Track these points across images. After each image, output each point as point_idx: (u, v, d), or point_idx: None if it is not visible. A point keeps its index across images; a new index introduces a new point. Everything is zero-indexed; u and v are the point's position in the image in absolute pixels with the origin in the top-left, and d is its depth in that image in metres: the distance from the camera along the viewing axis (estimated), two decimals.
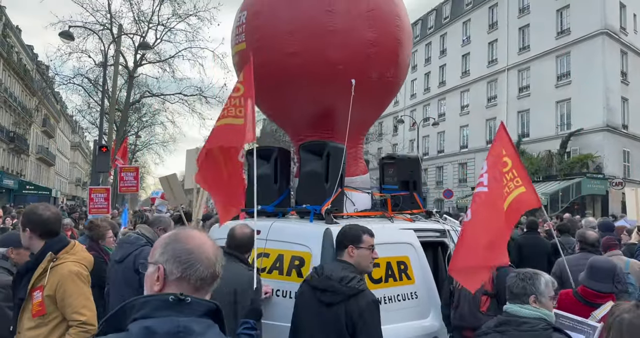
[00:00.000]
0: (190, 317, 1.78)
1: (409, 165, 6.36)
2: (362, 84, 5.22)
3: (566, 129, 37.03)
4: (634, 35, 38.72)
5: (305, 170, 5.35)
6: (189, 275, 1.88)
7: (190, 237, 1.95)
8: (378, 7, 5.33)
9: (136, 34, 31.04)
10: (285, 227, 5.05)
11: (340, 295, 3.63)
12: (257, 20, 5.30)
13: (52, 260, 3.64)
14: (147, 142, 52.05)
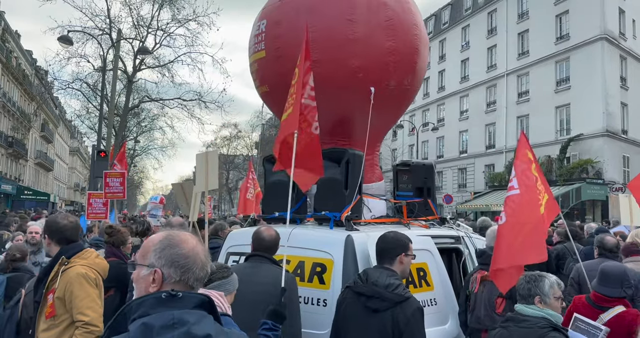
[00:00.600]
0: (183, 310, 1.89)
1: (423, 171, 6.42)
2: (381, 92, 5.27)
3: (566, 134, 37.12)
4: (633, 40, 38.90)
5: (325, 177, 5.37)
6: (187, 278, 2.02)
7: (183, 241, 2.07)
8: (397, 17, 5.39)
9: (135, 39, 31.01)
10: (305, 234, 5.07)
11: (387, 302, 3.67)
12: (277, 29, 5.34)
13: (64, 264, 3.83)
14: (146, 147, 52.09)
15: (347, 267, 4.60)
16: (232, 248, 5.49)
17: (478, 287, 5.04)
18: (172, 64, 32.28)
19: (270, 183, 5.85)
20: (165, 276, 2.00)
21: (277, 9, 5.48)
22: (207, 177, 5.99)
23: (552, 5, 38.93)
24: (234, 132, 67.34)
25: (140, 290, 2.03)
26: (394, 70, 5.40)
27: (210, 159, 6.06)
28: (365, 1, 5.29)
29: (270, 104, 5.98)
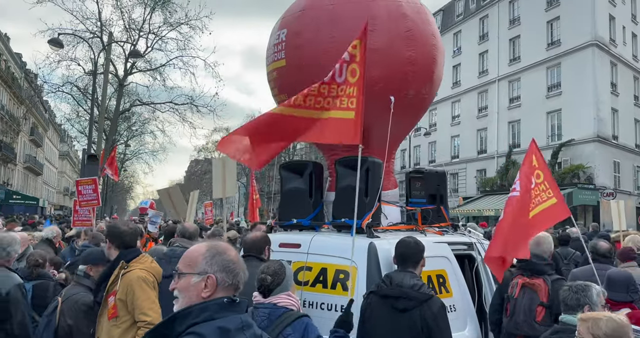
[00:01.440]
0: (244, 313, 2.21)
1: (436, 179, 6.49)
2: (400, 101, 5.33)
3: (557, 139, 37.43)
4: (623, 46, 39.35)
5: (343, 184, 5.42)
6: (237, 281, 2.26)
7: (227, 248, 2.31)
8: (416, 27, 5.47)
9: (127, 42, 30.77)
10: (327, 241, 5.12)
11: (414, 301, 3.82)
12: (298, 39, 5.40)
13: (123, 267, 4.10)
14: (137, 151, 51.81)
15: (370, 273, 4.66)
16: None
17: (518, 292, 5.10)
18: (164, 67, 32.15)
19: (287, 191, 5.89)
20: (219, 281, 2.19)
21: (298, 19, 5.54)
22: (224, 183, 6.00)
23: (543, 11, 39.32)
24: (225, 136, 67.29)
25: (190, 297, 2.18)
26: (413, 79, 5.47)
27: (227, 165, 6.08)
28: (385, 12, 5.37)
29: None
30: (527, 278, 5.14)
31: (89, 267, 4.63)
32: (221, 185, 6.03)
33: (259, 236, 4.83)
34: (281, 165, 6.08)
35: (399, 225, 5.88)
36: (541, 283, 5.03)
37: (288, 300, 3.68)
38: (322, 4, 5.48)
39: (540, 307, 4.99)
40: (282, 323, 3.52)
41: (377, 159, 5.38)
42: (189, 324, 2.07)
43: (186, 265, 2.24)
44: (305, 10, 5.52)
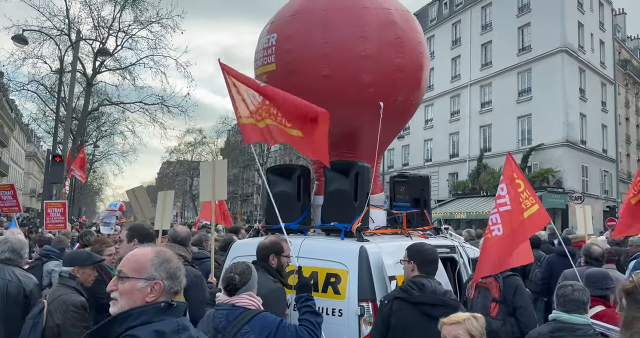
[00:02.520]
0: (180, 317, 2.29)
1: (419, 183, 6.61)
2: (388, 107, 5.43)
3: (527, 143, 38.03)
4: (591, 53, 40.23)
5: (332, 188, 5.48)
6: (180, 288, 2.38)
7: (171, 255, 2.42)
8: (405, 35, 5.58)
9: (96, 40, 29.94)
10: (318, 245, 5.16)
11: (450, 308, 3.88)
12: (289, 44, 5.45)
13: None
14: (106, 152, 50.89)
15: (362, 277, 4.72)
16: (238, 259, 5.52)
17: (473, 293, 5.24)
18: (134, 66, 31.40)
19: (275, 194, 5.91)
20: (165, 287, 2.29)
21: (289, 23, 5.58)
22: (213, 186, 5.98)
23: (515, 17, 39.96)
24: (198, 137, 66.38)
25: (134, 301, 2.25)
26: (402, 86, 5.57)
27: (217, 168, 6.05)
28: (375, 19, 5.45)
29: None
30: (480, 278, 5.28)
31: (76, 268, 4.58)
32: (211, 188, 5.99)
33: (266, 243, 4.75)
34: (268, 169, 6.10)
35: (386, 229, 5.94)
36: (492, 281, 5.19)
37: (248, 300, 3.71)
38: (314, 9, 5.53)
39: (493, 302, 5.13)
40: (239, 322, 3.55)
41: (365, 164, 5.45)
42: (127, 327, 2.15)
43: (133, 269, 2.30)
44: (297, 15, 5.57)
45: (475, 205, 36.70)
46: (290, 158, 55.88)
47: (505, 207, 5.37)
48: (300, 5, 5.70)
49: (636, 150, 47.69)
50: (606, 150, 41.29)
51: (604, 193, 40.43)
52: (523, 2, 39.73)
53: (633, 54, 51.19)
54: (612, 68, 43.66)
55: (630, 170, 45.77)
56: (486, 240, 5.40)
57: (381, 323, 4.16)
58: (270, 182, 5.98)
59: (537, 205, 5.54)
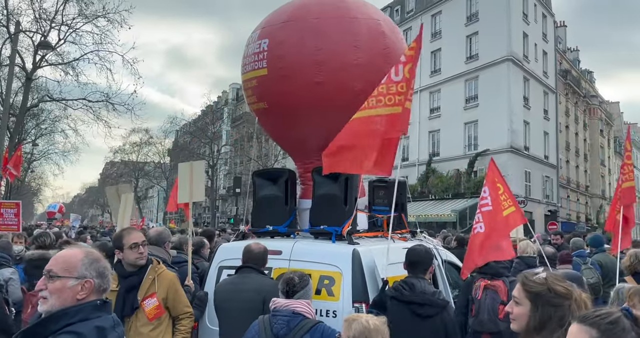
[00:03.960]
0: (112, 314, 2.45)
1: (398, 188, 6.79)
2: None
3: (473, 149, 39.05)
4: (535, 63, 41.75)
5: (321, 192, 5.60)
6: (108, 286, 2.51)
7: (99, 255, 2.56)
8: (393, 45, 5.79)
9: (37, 33, 28.34)
10: (310, 248, 5.26)
11: (436, 308, 4.08)
12: (282, 49, 5.54)
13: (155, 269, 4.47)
14: (46, 151, 48.79)
15: (355, 279, 4.86)
16: (225, 262, 5.58)
17: (481, 294, 5.47)
18: (78, 62, 30.04)
19: (261, 198, 5.98)
20: (96, 285, 2.42)
21: (281, 30, 5.68)
22: (191, 187, 6.00)
23: (463, 26, 41.06)
24: (144, 137, 64.73)
25: (64, 299, 2.36)
26: None
27: (195, 169, 6.07)
28: (366, 29, 5.63)
29: (267, 120, 6.13)
30: (488, 280, 5.58)
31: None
32: (188, 190, 6.01)
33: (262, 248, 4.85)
34: (254, 173, 6.17)
35: (367, 232, 6.10)
36: (501, 285, 5.49)
37: (306, 307, 3.80)
38: (306, 17, 5.65)
39: (502, 305, 5.39)
40: (300, 330, 3.64)
41: None
42: (64, 324, 2.26)
43: (63, 269, 2.40)
44: (290, 22, 5.68)
45: (424, 208, 37.45)
46: (242, 160, 55.58)
47: (487, 207, 5.91)
48: (292, 12, 5.80)
49: (575, 157, 49.73)
50: (548, 156, 42.89)
51: (545, 197, 41.96)
52: (471, 12, 40.87)
53: (572, 65, 53.38)
54: (554, 78, 45.43)
55: (569, 176, 47.73)
56: (471, 237, 5.99)
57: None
58: (256, 186, 6.05)
59: (514, 207, 6.02)
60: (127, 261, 4.44)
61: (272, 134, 6.43)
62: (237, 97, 72.10)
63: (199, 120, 59.72)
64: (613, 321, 1.76)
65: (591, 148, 54.66)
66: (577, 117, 51.54)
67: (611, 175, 60.88)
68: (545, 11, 44.94)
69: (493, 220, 5.80)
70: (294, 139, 6.07)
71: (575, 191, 49.07)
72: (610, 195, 58.86)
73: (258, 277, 4.57)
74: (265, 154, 54.32)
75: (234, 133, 63.79)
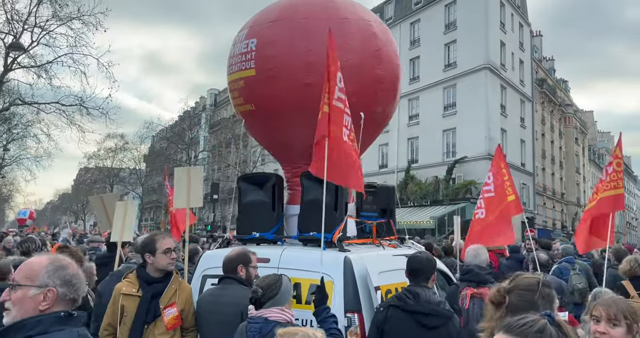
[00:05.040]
0: (80, 327, 2.22)
1: (386, 193, 6.68)
2: (367, 117, 5.45)
3: (452, 156, 39.28)
4: (512, 71, 42.22)
5: (310, 198, 5.40)
6: (78, 295, 2.30)
7: (68, 262, 2.36)
8: (384, 47, 5.65)
9: (9, 34, 27.52)
10: (299, 256, 5.07)
11: (443, 318, 3.92)
12: (271, 50, 5.36)
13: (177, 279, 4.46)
14: (17, 157, 47.62)
15: (347, 288, 4.67)
16: (209, 271, 5.36)
17: (468, 303, 5.31)
18: (51, 65, 29.43)
19: (247, 204, 5.78)
20: (59, 295, 2.22)
21: (269, 29, 5.49)
22: (188, 193, 5.82)
23: (442, 34, 41.34)
24: (120, 143, 63.80)
25: (25, 310, 2.18)
26: (381, 97, 5.63)
27: (192, 174, 5.89)
28: (357, 30, 5.48)
29: (253, 122, 5.93)
30: (474, 288, 5.41)
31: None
32: (185, 195, 5.82)
33: (232, 255, 4.63)
34: (240, 177, 5.96)
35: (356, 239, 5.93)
36: (487, 292, 5.32)
37: (280, 314, 3.64)
38: (294, 16, 5.48)
39: None
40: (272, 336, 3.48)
41: None
42: (25, 336, 2.09)
43: (25, 277, 2.23)
44: (278, 21, 5.50)
45: (403, 215, 37.44)
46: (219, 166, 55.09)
47: (490, 193, 6.27)
48: (280, 12, 5.62)
49: (551, 165, 50.29)
50: (524, 164, 43.30)
51: (522, 204, 42.22)
52: (450, 20, 41.20)
53: (548, 74, 54.10)
54: (530, 86, 45.98)
55: (545, 183, 48.22)
56: (472, 222, 6.31)
57: (375, 329, 4.20)
58: (242, 191, 5.84)
59: (514, 196, 6.42)
60: (157, 266, 4.36)
61: (259, 137, 6.23)
62: (216, 102, 71.70)
63: (176, 125, 59.11)
64: (540, 329, 1.73)
65: (566, 156, 55.38)
66: (553, 125, 52.20)
67: (586, 182, 61.77)
68: (522, 20, 45.50)
69: (496, 206, 6.12)
70: (281, 142, 5.88)
71: (551, 198, 49.60)
72: (584, 203, 59.71)
73: (238, 289, 4.36)
74: (243, 160, 53.91)
75: (212, 139, 63.31)
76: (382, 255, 5.56)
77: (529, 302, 2.56)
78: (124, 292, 4.30)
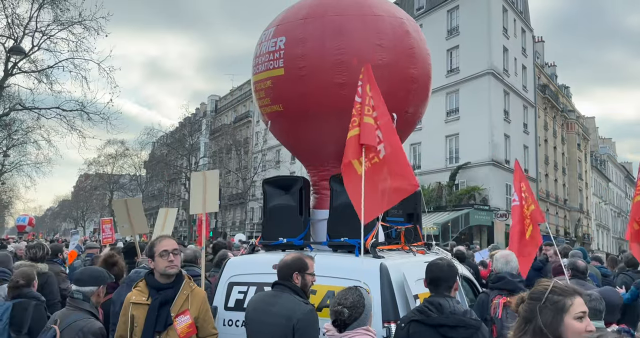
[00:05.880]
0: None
1: (413, 197, 6.45)
2: (399, 118, 5.24)
3: (455, 162, 39.08)
4: (515, 77, 42.08)
5: (340, 202, 5.20)
6: None
7: None
8: (417, 46, 5.45)
9: (10, 38, 27.12)
10: (332, 262, 4.86)
11: (472, 329, 3.70)
12: (302, 48, 5.15)
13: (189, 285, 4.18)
14: (17, 163, 47.34)
15: (384, 296, 4.46)
16: (235, 278, 5.15)
17: (501, 312, 5.08)
18: (52, 70, 29.18)
19: (273, 208, 5.57)
20: None
21: (300, 27, 5.28)
22: (204, 197, 5.61)
23: (444, 40, 41.21)
24: (120, 149, 63.59)
25: None
26: (414, 97, 5.43)
27: (209, 179, 5.70)
28: (390, 27, 5.28)
29: (281, 123, 5.71)
30: (506, 297, 5.18)
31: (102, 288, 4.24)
32: (202, 200, 5.61)
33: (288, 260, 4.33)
34: (265, 181, 5.75)
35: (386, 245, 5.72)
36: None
37: (366, 334, 3.36)
38: (326, 14, 5.27)
39: None
40: None
41: None
42: None
43: None
44: (309, 19, 5.28)
45: None
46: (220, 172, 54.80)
47: (515, 202, 6.64)
48: (311, 8, 5.41)
49: (554, 171, 50.11)
50: (527, 169, 43.04)
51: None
52: (452, 26, 41.11)
53: (550, 80, 54.02)
54: (533, 92, 45.86)
55: (548, 189, 48.01)
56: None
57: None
58: (267, 195, 5.64)
59: (533, 205, 6.69)
60: (158, 270, 4.05)
61: (286, 139, 6.00)
62: (216, 108, 71.51)
63: (176, 132, 58.95)
64: None
65: (569, 162, 55.19)
66: (555, 131, 52.06)
67: (588, 189, 61.59)
68: (524, 26, 45.44)
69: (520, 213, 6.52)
70: (309, 144, 5.66)
71: (554, 205, 49.37)
72: (587, 209, 59.56)
73: (290, 300, 4.02)
74: (244, 166, 53.73)
75: (213, 145, 63.11)
76: (416, 262, 5.35)
77: (533, 311, 2.44)
78: (134, 301, 4.02)
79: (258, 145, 53.59)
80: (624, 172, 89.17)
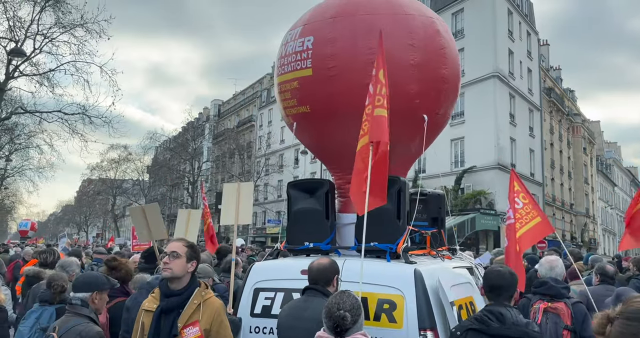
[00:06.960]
0: None
1: (437, 201, 6.34)
2: (430, 120, 5.11)
3: (460, 166, 38.90)
4: (520, 80, 41.94)
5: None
6: None
7: None
8: (448, 46, 5.32)
9: (12, 40, 27.07)
10: (364, 268, 4.69)
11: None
12: (331, 48, 4.99)
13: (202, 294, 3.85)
14: (20, 167, 47.16)
15: (419, 303, 4.31)
16: (261, 284, 4.99)
17: (541, 318, 4.93)
18: (53, 73, 29.01)
19: (297, 211, 5.42)
20: None
21: (329, 26, 5.12)
22: (237, 209, 5.53)
23: None
24: (123, 154, 63.48)
25: None
26: (445, 98, 5.30)
27: (243, 191, 5.62)
28: (421, 26, 5.14)
29: (307, 125, 5.55)
30: (548, 302, 5.04)
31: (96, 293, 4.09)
32: (234, 211, 5.52)
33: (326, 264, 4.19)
34: (289, 184, 5.60)
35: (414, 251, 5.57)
36: (563, 307, 4.96)
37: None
38: (357, 12, 5.11)
39: (565, 330, 4.88)
40: None
41: (405, 179, 5.10)
42: None
43: None
44: (338, 18, 5.12)
45: None
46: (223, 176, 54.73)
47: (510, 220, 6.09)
48: (340, 7, 5.24)
49: (560, 175, 49.91)
50: (533, 173, 42.94)
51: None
52: (457, 28, 40.93)
53: (556, 83, 53.89)
54: (539, 95, 45.72)
55: (554, 193, 47.81)
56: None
57: None
58: (292, 198, 5.48)
59: (539, 218, 6.08)
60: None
61: (311, 142, 5.84)
62: (219, 113, 71.51)
63: (179, 136, 58.88)
64: None
65: (575, 166, 54.98)
66: (561, 134, 51.89)
67: (594, 193, 61.34)
68: (530, 29, 45.34)
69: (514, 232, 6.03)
70: (336, 146, 5.48)
71: (560, 209, 49.16)
72: (593, 214, 59.31)
73: (322, 304, 3.90)
74: (247, 171, 53.64)
75: (216, 149, 63.04)
76: (447, 267, 5.21)
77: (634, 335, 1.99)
78: (145, 308, 3.83)
79: (261, 150, 53.53)
80: (629, 177, 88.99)
